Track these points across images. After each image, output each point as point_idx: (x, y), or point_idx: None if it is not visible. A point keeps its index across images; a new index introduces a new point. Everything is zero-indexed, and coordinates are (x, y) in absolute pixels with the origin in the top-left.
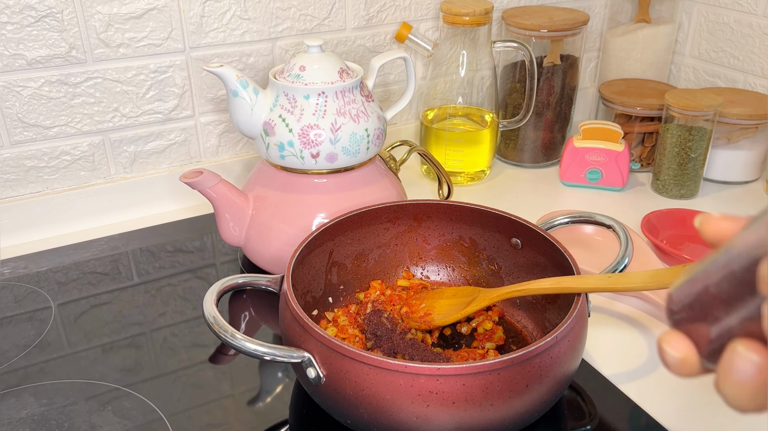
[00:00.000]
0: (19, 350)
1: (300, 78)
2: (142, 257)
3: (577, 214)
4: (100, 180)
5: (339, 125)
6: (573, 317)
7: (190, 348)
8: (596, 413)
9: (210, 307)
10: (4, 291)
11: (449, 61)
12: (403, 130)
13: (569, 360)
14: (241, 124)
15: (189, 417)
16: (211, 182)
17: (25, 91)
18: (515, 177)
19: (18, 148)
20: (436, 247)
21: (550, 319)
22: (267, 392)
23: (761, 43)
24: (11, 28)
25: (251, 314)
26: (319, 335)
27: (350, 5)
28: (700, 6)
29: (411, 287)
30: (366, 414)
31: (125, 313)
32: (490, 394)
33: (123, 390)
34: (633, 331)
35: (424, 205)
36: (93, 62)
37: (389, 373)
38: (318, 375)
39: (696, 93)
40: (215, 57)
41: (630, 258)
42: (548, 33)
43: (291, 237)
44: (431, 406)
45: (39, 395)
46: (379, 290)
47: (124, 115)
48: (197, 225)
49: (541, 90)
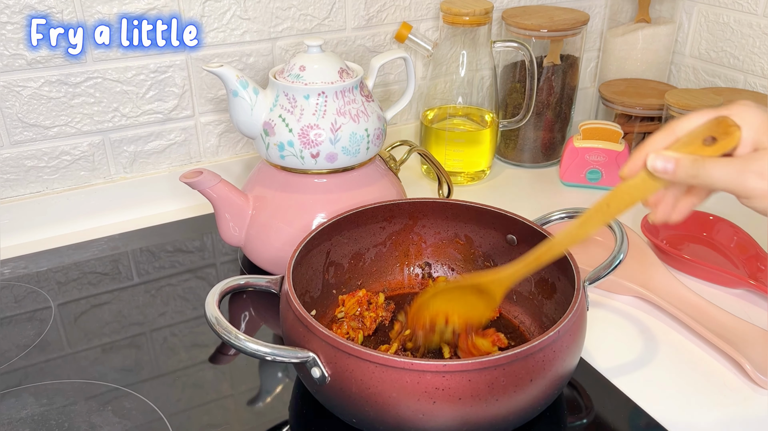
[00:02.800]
0: (19, 350)
1: (300, 78)
2: (142, 257)
3: (573, 209)
4: (100, 180)
5: (339, 125)
6: (574, 310)
7: (190, 348)
8: (592, 407)
9: (212, 309)
10: (4, 291)
11: (449, 61)
12: (403, 130)
13: (571, 353)
14: (241, 124)
15: (189, 417)
16: (211, 182)
17: (25, 91)
18: (515, 177)
19: (18, 148)
20: (432, 245)
21: (548, 314)
22: (267, 392)
23: (761, 43)
24: (11, 28)
25: (251, 314)
26: (324, 334)
27: (350, 5)
28: (700, 6)
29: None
30: (372, 413)
31: (125, 313)
32: (496, 389)
33: (123, 390)
34: (628, 327)
35: (420, 203)
36: (93, 62)
37: (395, 371)
38: (323, 375)
39: (696, 93)
40: (215, 57)
41: (625, 254)
42: (548, 33)
43: (291, 237)
44: (437, 403)
45: (39, 395)
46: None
47: (124, 115)
48: (197, 225)
49: (541, 90)
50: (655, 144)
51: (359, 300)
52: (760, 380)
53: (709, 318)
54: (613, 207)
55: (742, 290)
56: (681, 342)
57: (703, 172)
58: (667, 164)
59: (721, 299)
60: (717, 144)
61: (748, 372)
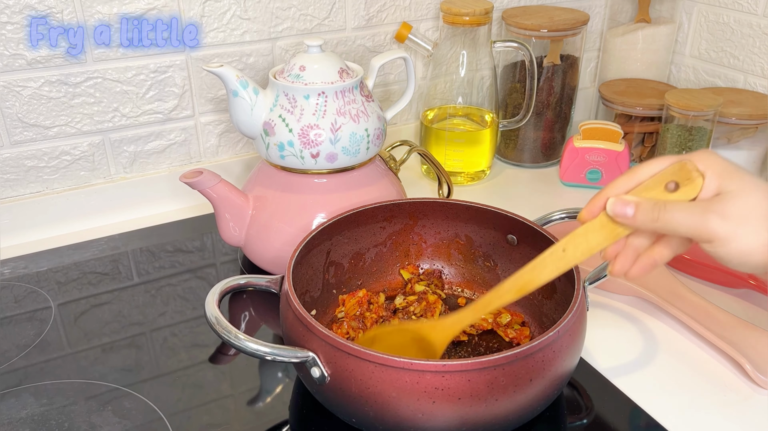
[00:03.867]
0: (19, 350)
1: (300, 78)
2: (142, 257)
3: (573, 209)
4: (100, 180)
5: (339, 125)
6: (574, 311)
7: (190, 348)
8: (592, 407)
9: (212, 308)
10: (4, 291)
11: (449, 61)
12: (403, 130)
13: (571, 353)
14: (241, 124)
15: (189, 417)
16: (211, 182)
17: (25, 91)
18: (515, 177)
19: (18, 148)
20: (432, 245)
21: (548, 314)
22: (267, 392)
23: (761, 43)
24: (11, 28)
25: (251, 314)
26: (324, 334)
27: (350, 5)
28: (700, 6)
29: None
30: (371, 412)
31: (125, 313)
32: (495, 389)
33: (123, 390)
34: (628, 327)
35: (420, 203)
36: (93, 62)
37: (395, 371)
38: (323, 374)
39: (696, 93)
40: (215, 57)
41: None
42: (548, 33)
43: (291, 237)
44: (437, 402)
45: (39, 395)
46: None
47: (124, 115)
48: (197, 225)
49: (541, 90)
50: (616, 188)
51: (360, 301)
52: (760, 380)
53: (709, 318)
54: (569, 252)
55: (743, 290)
56: (681, 342)
57: (664, 215)
58: (627, 208)
59: (721, 299)
60: (680, 190)
61: (748, 372)
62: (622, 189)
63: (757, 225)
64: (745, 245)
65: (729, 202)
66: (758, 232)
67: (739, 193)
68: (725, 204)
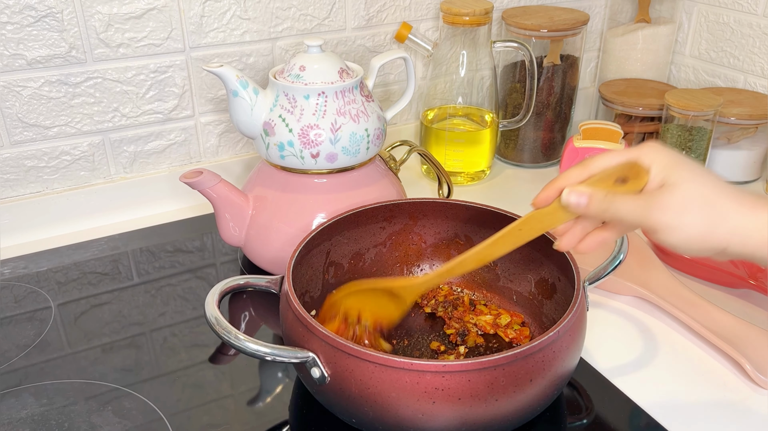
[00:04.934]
0: (19, 350)
1: (300, 78)
2: (142, 257)
3: None
4: (100, 180)
5: (339, 125)
6: (574, 311)
7: (190, 348)
8: (592, 407)
9: (212, 309)
10: (4, 291)
11: (449, 61)
12: (403, 130)
13: (571, 353)
14: (241, 124)
15: (189, 417)
16: (211, 182)
17: (25, 91)
18: (515, 177)
19: (18, 148)
20: (432, 245)
21: (548, 314)
22: (267, 392)
23: (761, 43)
24: (11, 28)
25: (251, 314)
26: (323, 335)
27: (350, 5)
28: (700, 6)
29: None
30: (371, 413)
31: (125, 313)
32: (496, 389)
33: (123, 390)
34: (628, 327)
35: (420, 203)
36: (93, 62)
37: (395, 371)
38: (323, 375)
39: (696, 93)
40: (215, 57)
41: (625, 254)
42: (548, 33)
43: (291, 238)
44: (437, 403)
45: (39, 395)
46: None
47: (124, 115)
48: (197, 225)
49: (541, 90)
50: (570, 178)
51: None
52: (760, 380)
53: (709, 318)
54: (524, 231)
55: (742, 290)
56: (681, 342)
57: (613, 206)
58: (580, 198)
59: (721, 299)
60: (627, 184)
61: (748, 372)
62: (576, 179)
63: (696, 214)
64: (686, 233)
65: (670, 194)
66: (696, 221)
67: (680, 183)
68: (666, 195)
